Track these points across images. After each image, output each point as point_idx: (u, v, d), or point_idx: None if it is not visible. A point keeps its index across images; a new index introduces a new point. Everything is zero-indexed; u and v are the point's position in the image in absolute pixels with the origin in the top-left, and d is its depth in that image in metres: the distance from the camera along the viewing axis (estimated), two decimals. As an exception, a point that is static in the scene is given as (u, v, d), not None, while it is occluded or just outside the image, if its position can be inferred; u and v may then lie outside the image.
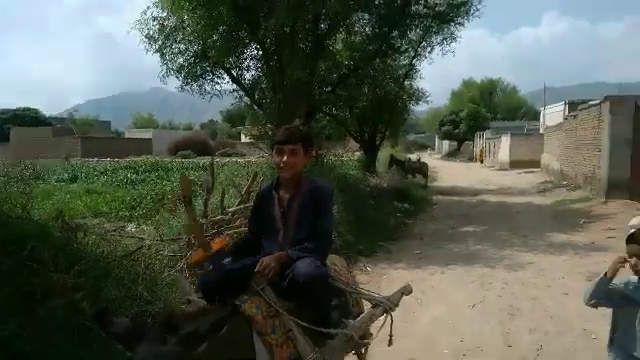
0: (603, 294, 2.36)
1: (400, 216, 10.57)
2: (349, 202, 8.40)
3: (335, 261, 2.80)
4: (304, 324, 2.17)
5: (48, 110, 53.95)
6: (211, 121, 63.64)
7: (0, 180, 5.06)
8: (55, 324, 2.91)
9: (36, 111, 50.74)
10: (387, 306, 2.56)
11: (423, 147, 52.60)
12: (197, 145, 38.94)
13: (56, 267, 3.18)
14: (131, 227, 7.08)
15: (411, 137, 51.23)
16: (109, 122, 63.31)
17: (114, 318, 1.77)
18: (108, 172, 18.40)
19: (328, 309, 2.36)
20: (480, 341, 4.19)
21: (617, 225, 9.18)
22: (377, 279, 6.27)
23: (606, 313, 2.61)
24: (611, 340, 2.45)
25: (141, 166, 19.63)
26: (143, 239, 4.32)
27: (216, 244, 2.41)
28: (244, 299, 2.16)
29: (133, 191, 12.52)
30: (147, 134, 49.29)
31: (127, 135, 53.03)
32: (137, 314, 3.28)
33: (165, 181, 13.01)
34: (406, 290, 2.76)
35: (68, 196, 11.54)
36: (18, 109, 49.25)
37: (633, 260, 2.24)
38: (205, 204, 4.65)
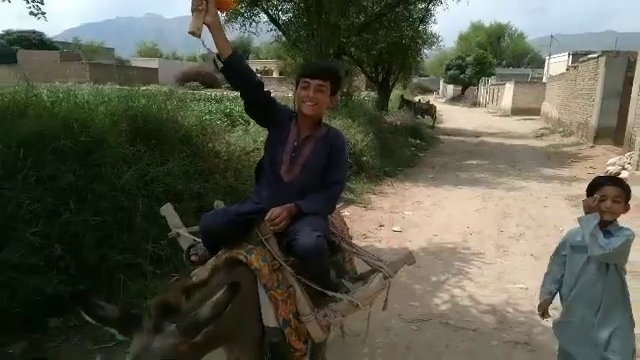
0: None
1: (414, 150, 12.21)
2: (375, 133, 9.98)
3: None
4: (307, 282, 2.08)
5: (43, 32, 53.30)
6: (210, 52, 63.15)
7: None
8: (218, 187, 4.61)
9: (42, 34, 50.60)
10: (387, 273, 2.37)
11: (427, 90, 52.94)
12: (204, 77, 39.43)
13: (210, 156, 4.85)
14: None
15: (415, 80, 51.37)
16: (113, 49, 62.90)
17: (100, 302, 1.43)
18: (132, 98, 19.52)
19: (327, 275, 2.22)
20: (481, 228, 6.02)
21: (598, 165, 10.95)
22: (401, 192, 8.04)
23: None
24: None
25: (157, 95, 20.77)
26: (245, 147, 5.93)
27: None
28: (248, 249, 2.02)
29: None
30: (153, 63, 49.45)
31: (132, 63, 53.14)
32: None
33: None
34: (409, 260, 2.54)
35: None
36: (24, 31, 49.07)
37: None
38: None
